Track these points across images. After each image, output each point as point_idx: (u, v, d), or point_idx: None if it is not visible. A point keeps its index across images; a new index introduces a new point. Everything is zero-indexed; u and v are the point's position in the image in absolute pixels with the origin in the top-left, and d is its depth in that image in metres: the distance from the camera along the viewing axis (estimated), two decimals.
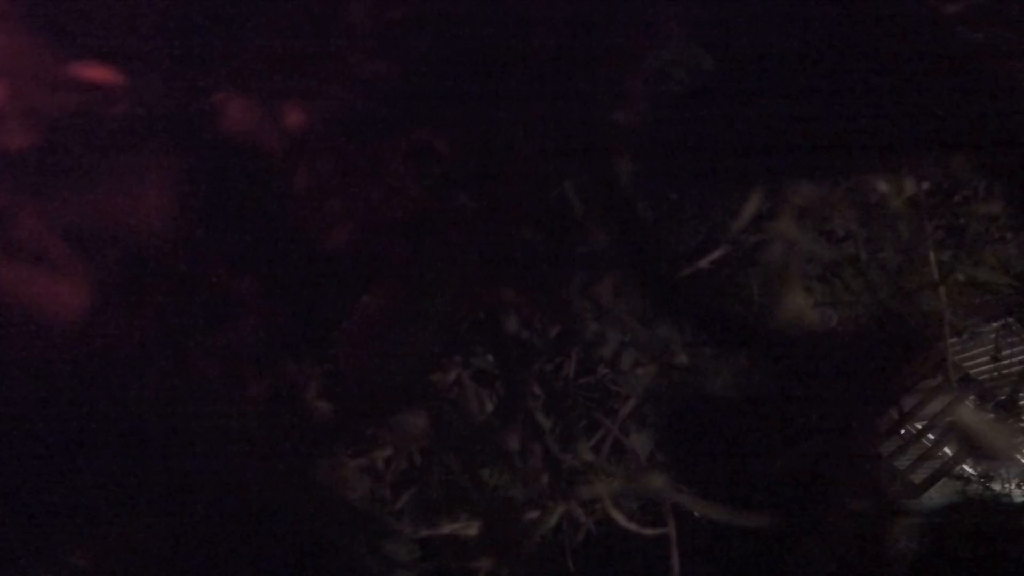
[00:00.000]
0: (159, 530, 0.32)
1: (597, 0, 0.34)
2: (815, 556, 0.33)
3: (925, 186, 0.52)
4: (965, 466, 0.93)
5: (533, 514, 0.45)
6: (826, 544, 0.33)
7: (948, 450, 0.98)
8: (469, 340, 0.44)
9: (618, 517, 0.46)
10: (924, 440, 1.05)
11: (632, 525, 0.46)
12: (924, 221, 0.54)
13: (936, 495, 0.94)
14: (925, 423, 1.03)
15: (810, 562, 0.33)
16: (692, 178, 0.38)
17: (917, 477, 0.99)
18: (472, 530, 0.42)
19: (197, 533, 0.32)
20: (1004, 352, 0.86)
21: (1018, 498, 0.91)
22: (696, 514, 0.39)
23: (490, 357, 0.47)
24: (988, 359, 0.88)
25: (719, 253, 0.47)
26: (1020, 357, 0.89)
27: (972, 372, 0.96)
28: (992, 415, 0.78)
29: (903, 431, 1.03)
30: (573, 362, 0.54)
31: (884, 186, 0.46)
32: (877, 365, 0.35)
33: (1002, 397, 0.79)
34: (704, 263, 0.47)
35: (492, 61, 0.34)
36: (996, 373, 0.87)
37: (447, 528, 0.44)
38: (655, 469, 0.42)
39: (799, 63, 0.34)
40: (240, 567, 0.32)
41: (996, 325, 0.86)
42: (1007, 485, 0.92)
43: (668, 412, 0.38)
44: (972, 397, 0.89)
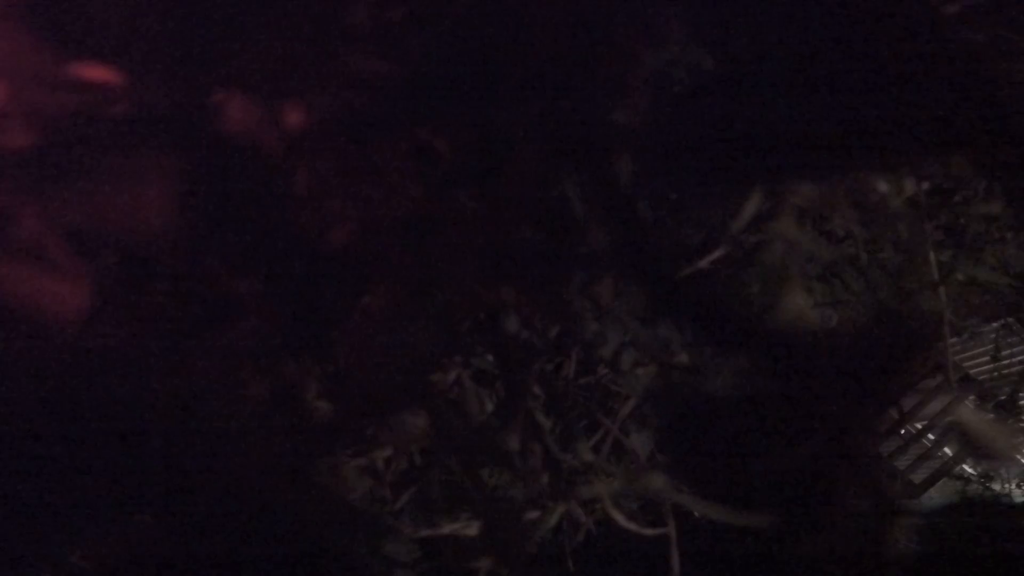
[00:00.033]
0: (159, 530, 0.32)
1: (597, 0, 0.34)
2: (815, 556, 0.33)
3: (925, 186, 0.52)
4: (965, 466, 0.93)
5: (533, 514, 0.45)
6: (826, 544, 0.33)
7: (948, 450, 0.98)
8: (469, 340, 0.44)
9: (618, 517, 0.46)
10: (924, 440, 1.05)
11: (632, 525, 0.46)
12: (924, 221, 0.54)
13: (936, 495, 0.94)
14: (925, 423, 1.03)
15: (810, 562, 0.33)
16: (692, 178, 0.38)
17: (917, 477, 0.99)
18: (472, 530, 0.42)
19: (197, 533, 0.32)
20: (1004, 352, 0.86)
21: (1018, 498, 0.91)
22: (696, 514, 0.39)
23: (490, 357, 0.47)
24: (988, 359, 0.88)
25: (719, 253, 0.47)
26: (1020, 357, 0.89)
27: (972, 372, 0.96)
28: (992, 415, 0.79)
29: (903, 431, 1.03)
30: (573, 362, 0.54)
31: (884, 186, 0.46)
32: (877, 365, 0.35)
33: (1002, 397, 0.79)
34: (704, 263, 0.47)
35: (492, 61, 0.34)
36: (996, 373, 0.87)
37: (447, 528, 0.44)
38: (655, 469, 0.42)
39: (799, 63, 0.34)
40: (240, 567, 0.32)
41: (996, 325, 0.86)
42: (1007, 485, 0.92)
43: (668, 412, 0.38)
44: (972, 397, 0.89)
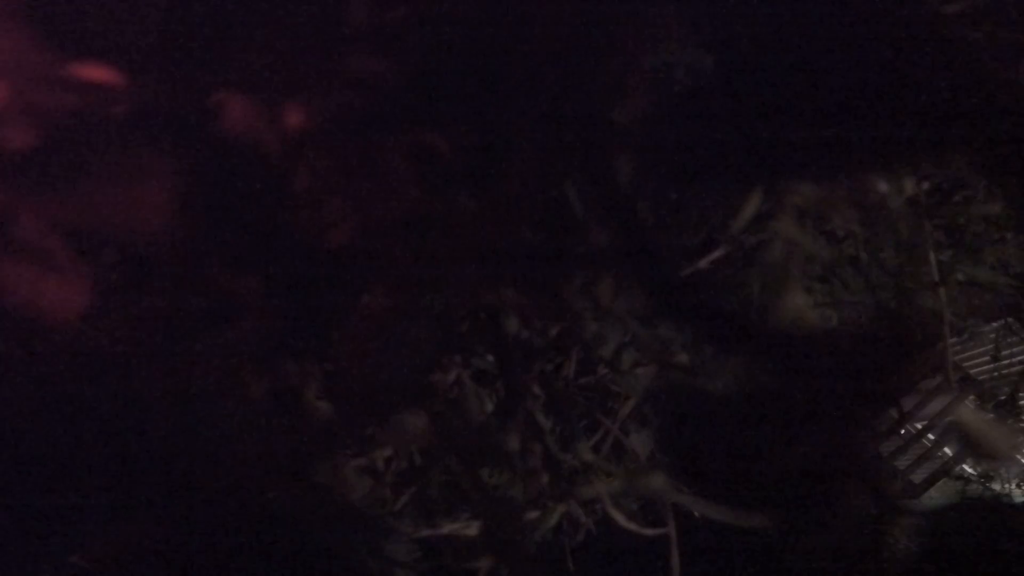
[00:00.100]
0: (159, 530, 0.32)
1: (597, 0, 0.34)
2: (815, 556, 0.33)
3: (925, 186, 0.52)
4: (965, 466, 0.93)
5: (533, 514, 0.45)
6: (826, 544, 0.33)
7: (948, 450, 0.98)
8: (469, 340, 0.44)
9: (618, 517, 0.46)
10: (924, 440, 1.05)
11: (632, 525, 0.46)
12: (924, 221, 0.54)
13: (936, 495, 0.94)
14: (925, 423, 1.03)
15: (810, 562, 0.33)
16: (692, 178, 0.38)
17: (917, 477, 0.99)
18: (472, 530, 0.42)
19: (197, 533, 0.32)
20: (1004, 352, 0.86)
21: (1018, 498, 0.91)
22: (696, 514, 0.39)
23: (490, 357, 0.46)
24: (988, 359, 0.88)
25: (719, 253, 0.47)
26: (1020, 357, 0.89)
27: (972, 372, 0.96)
28: (992, 415, 0.79)
29: (903, 431, 1.03)
30: (573, 362, 0.54)
31: (884, 186, 0.46)
32: (877, 365, 0.35)
33: (1002, 397, 0.79)
34: (704, 263, 0.47)
35: (492, 61, 0.34)
36: (996, 373, 0.87)
37: (447, 528, 0.44)
38: (655, 469, 0.42)
39: (799, 63, 0.34)
40: (240, 567, 0.32)
41: (996, 325, 0.86)
42: (1007, 485, 0.92)
43: (668, 412, 0.38)
44: (972, 397, 0.89)
